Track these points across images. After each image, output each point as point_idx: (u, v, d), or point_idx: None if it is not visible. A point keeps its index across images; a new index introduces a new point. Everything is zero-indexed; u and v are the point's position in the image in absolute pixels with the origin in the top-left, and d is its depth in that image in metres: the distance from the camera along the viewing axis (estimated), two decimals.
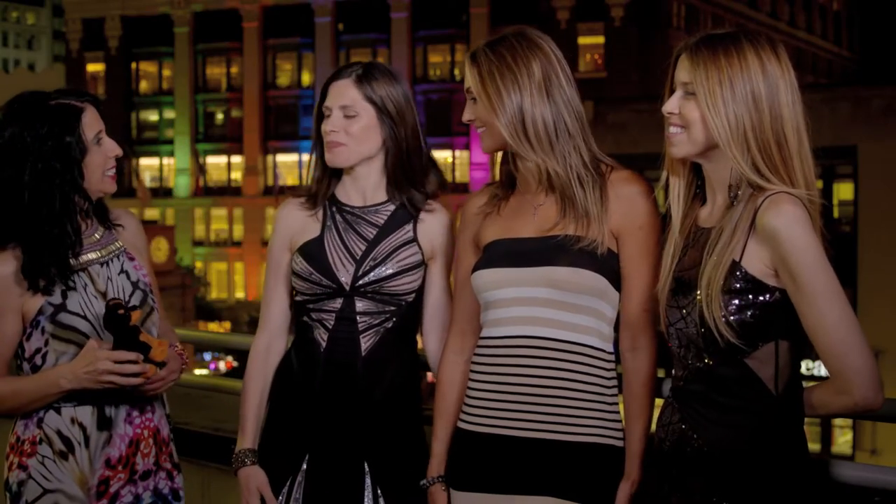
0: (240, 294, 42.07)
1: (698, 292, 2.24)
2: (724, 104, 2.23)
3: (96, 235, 2.83)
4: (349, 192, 2.86)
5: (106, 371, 2.63)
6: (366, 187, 2.84)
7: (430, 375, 2.94)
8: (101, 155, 2.75)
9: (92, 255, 2.80)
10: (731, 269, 2.21)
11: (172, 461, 2.93)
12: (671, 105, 2.32)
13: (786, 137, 2.24)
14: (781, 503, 2.23)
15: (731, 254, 2.21)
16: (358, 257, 2.79)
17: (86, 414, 2.76)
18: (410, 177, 2.82)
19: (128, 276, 2.85)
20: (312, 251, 2.81)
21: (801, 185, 2.24)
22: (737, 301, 2.21)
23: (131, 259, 2.88)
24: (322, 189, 2.88)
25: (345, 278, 2.77)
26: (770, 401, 2.24)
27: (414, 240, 2.81)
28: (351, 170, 2.84)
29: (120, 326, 2.65)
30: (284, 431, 2.83)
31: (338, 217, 2.85)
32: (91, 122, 2.74)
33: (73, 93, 2.77)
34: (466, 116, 2.65)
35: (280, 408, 2.87)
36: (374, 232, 2.81)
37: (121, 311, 2.64)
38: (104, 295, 2.78)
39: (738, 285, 2.21)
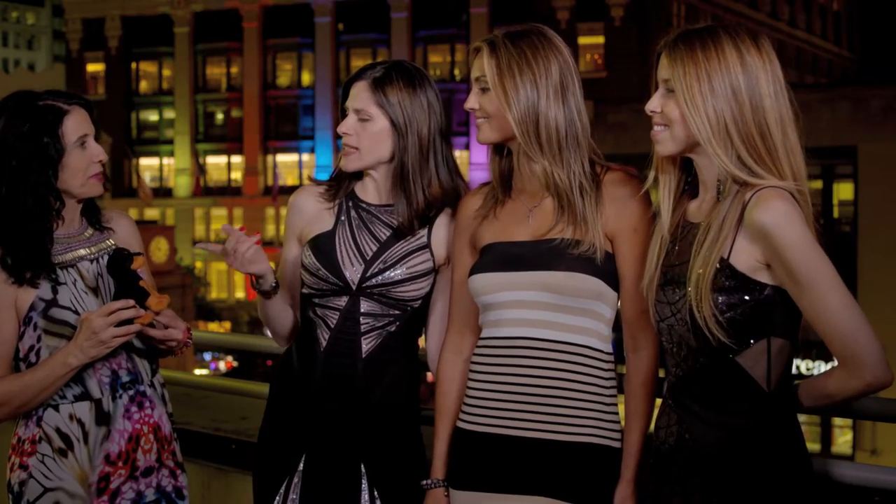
0: (240, 294, 42.04)
1: (689, 289, 2.23)
2: (702, 100, 2.22)
3: (86, 234, 2.85)
4: (367, 189, 2.83)
5: (102, 326, 2.62)
6: (381, 187, 2.81)
7: (429, 375, 2.94)
8: (84, 158, 2.76)
9: (82, 252, 2.82)
10: (720, 267, 2.20)
11: (175, 460, 2.93)
12: (653, 104, 2.32)
13: (769, 129, 2.22)
14: (782, 501, 2.22)
15: (720, 251, 2.20)
16: (368, 257, 2.76)
17: (84, 410, 2.77)
18: (407, 190, 2.75)
19: None
20: (322, 245, 2.79)
21: (789, 176, 2.22)
22: (726, 299, 2.20)
23: None
24: (344, 183, 2.85)
25: (352, 277, 2.75)
26: (763, 399, 2.24)
27: (427, 246, 2.77)
28: (369, 169, 2.81)
29: (121, 269, 2.69)
30: (282, 430, 2.82)
31: (353, 213, 2.82)
32: (75, 125, 2.75)
33: (64, 94, 2.78)
34: (471, 105, 2.59)
35: (278, 406, 2.85)
36: (388, 233, 2.78)
37: (124, 253, 2.70)
38: (94, 291, 2.80)
39: (727, 283, 2.20)
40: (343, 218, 2.82)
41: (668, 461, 2.34)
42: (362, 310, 2.75)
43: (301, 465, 2.77)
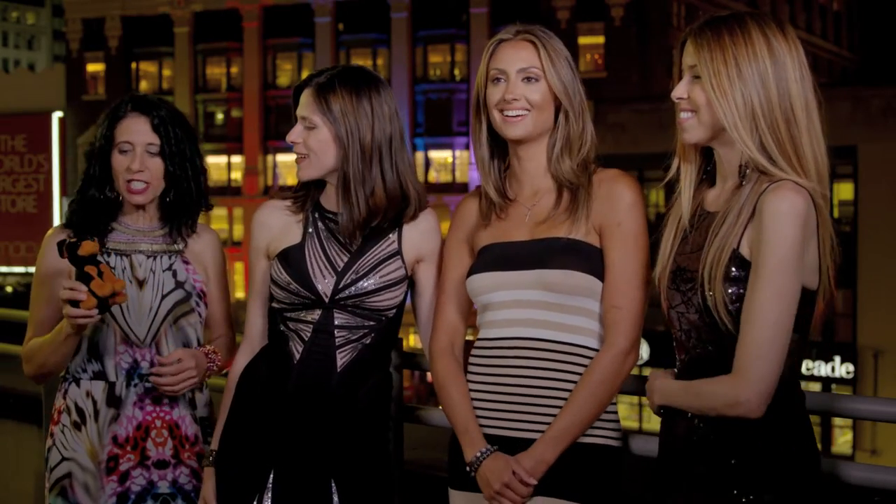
0: (240, 294, 42.01)
1: (702, 274, 2.23)
2: (730, 85, 2.22)
3: (158, 232, 3.03)
4: (329, 197, 2.81)
5: (63, 300, 2.74)
6: (338, 195, 2.78)
7: (429, 376, 2.93)
8: (121, 163, 2.96)
9: (142, 246, 3.00)
10: (731, 256, 2.21)
11: (201, 464, 2.97)
12: (680, 90, 2.31)
13: (794, 114, 2.23)
14: (790, 490, 2.21)
15: (732, 241, 2.21)
16: (339, 269, 2.72)
17: (98, 389, 2.94)
18: (349, 200, 2.72)
19: (174, 275, 2.99)
20: (292, 259, 2.75)
21: (811, 163, 2.23)
22: (736, 289, 2.20)
23: (186, 263, 3.03)
24: (310, 193, 2.83)
25: (324, 290, 2.71)
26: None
27: (398, 252, 2.75)
28: (329, 177, 2.78)
29: (70, 255, 2.74)
30: (249, 444, 2.75)
31: (320, 224, 2.78)
32: (124, 130, 2.96)
33: (139, 102, 3.01)
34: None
35: (245, 419, 2.78)
36: (358, 243, 2.75)
37: (72, 239, 2.75)
38: (140, 283, 2.96)
39: (736, 272, 2.21)
40: (311, 230, 2.79)
41: (675, 450, 2.33)
42: (336, 322, 2.72)
43: (270, 481, 2.72)
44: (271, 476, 2.72)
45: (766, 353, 2.14)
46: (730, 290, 2.21)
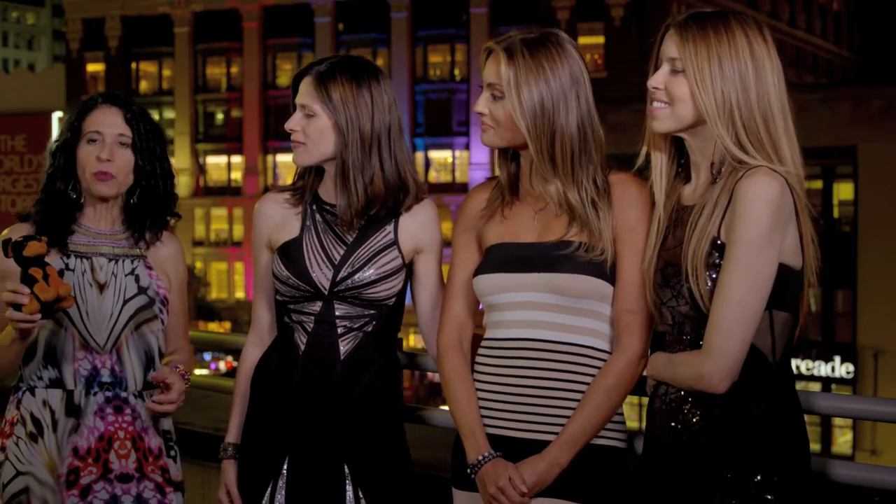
0: (240, 294, 42.04)
1: (686, 267, 2.26)
2: (711, 80, 2.26)
3: (120, 236, 2.91)
4: (328, 189, 2.82)
5: (6, 303, 2.60)
6: (336, 185, 2.79)
7: (430, 376, 2.92)
8: (88, 153, 2.83)
9: (104, 249, 2.88)
10: (711, 245, 2.24)
11: (166, 477, 2.91)
12: (657, 80, 2.34)
13: (773, 116, 2.27)
14: (783, 472, 2.22)
15: (711, 230, 2.24)
16: (336, 261, 2.74)
17: (55, 397, 2.82)
18: (348, 187, 2.73)
19: (136, 280, 2.89)
20: (290, 253, 2.77)
21: (788, 158, 2.26)
22: (717, 275, 2.23)
23: (149, 268, 2.92)
24: (308, 184, 2.84)
25: (322, 282, 2.73)
26: (768, 370, 2.26)
27: (394, 242, 2.76)
28: (327, 165, 2.79)
29: (15, 255, 2.59)
30: (264, 434, 2.79)
31: (317, 216, 2.80)
32: (94, 121, 2.85)
33: (111, 96, 2.92)
34: (480, 109, 2.55)
35: (259, 409, 2.83)
36: (354, 234, 2.76)
37: (18, 239, 2.61)
38: (101, 287, 2.84)
39: (718, 261, 2.23)
40: (308, 223, 2.80)
41: (669, 438, 2.34)
42: (337, 313, 2.74)
43: (285, 467, 2.75)
44: (286, 463, 2.74)
45: (729, 330, 2.18)
46: (713, 277, 2.23)
